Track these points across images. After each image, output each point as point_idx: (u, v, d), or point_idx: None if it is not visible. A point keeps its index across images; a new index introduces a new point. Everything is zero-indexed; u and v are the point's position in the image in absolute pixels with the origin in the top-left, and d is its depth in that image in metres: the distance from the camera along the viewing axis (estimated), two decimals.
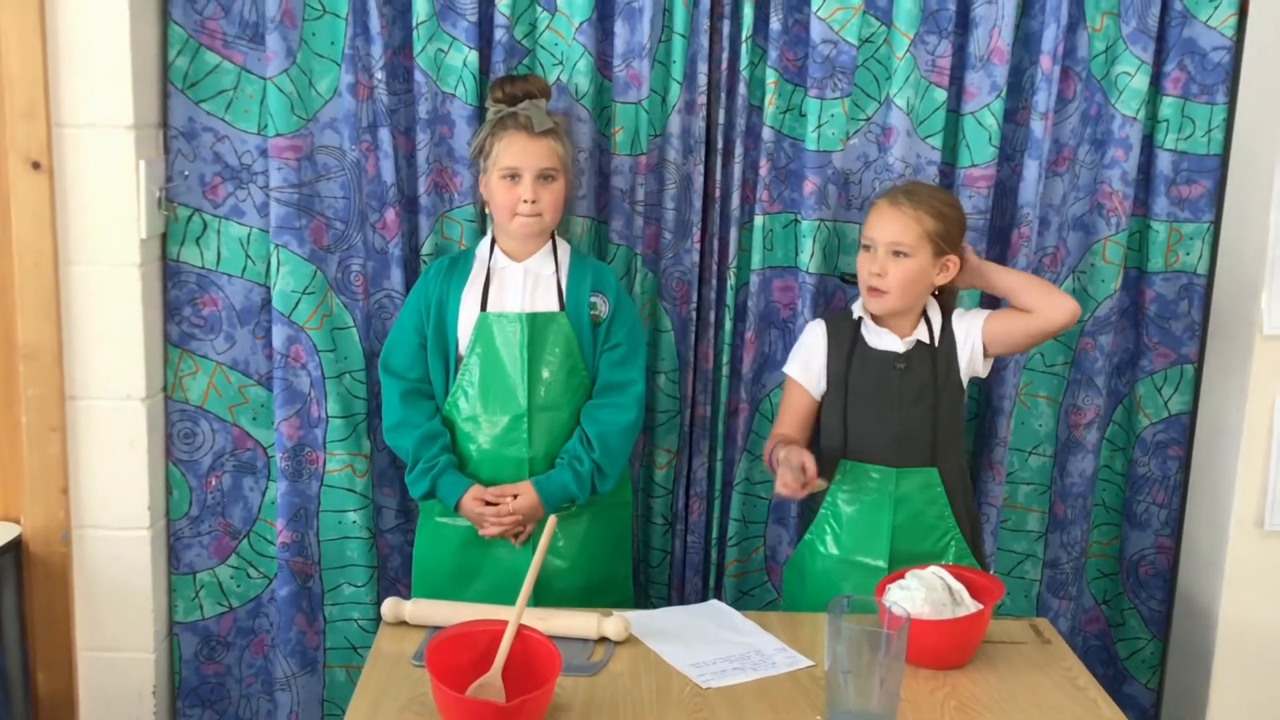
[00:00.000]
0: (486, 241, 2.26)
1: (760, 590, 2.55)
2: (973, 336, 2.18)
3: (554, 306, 2.21)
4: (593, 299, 2.23)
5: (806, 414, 2.25)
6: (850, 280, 2.26)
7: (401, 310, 2.28)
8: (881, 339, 2.19)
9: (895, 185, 2.23)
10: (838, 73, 2.33)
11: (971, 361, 2.18)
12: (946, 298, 2.23)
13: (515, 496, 2.15)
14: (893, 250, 2.11)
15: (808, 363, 2.24)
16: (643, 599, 2.53)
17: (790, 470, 2.01)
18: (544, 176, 2.15)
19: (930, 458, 2.17)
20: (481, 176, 2.22)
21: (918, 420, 2.16)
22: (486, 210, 2.25)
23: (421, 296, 2.24)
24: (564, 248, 2.26)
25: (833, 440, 2.22)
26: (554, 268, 2.22)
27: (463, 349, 2.21)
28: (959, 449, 2.23)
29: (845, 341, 2.21)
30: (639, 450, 2.47)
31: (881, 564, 2.14)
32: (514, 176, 2.15)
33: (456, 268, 2.25)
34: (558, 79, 2.32)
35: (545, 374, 2.19)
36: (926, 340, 2.18)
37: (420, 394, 2.23)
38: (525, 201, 2.14)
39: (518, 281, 2.21)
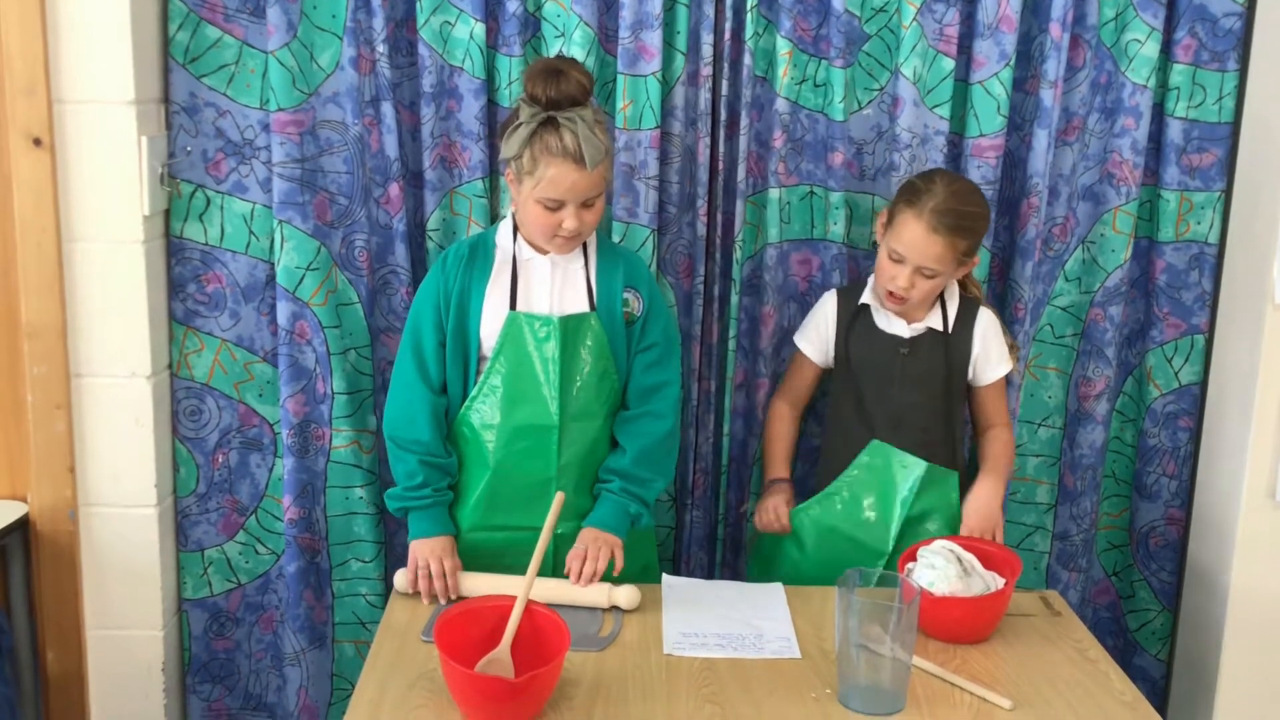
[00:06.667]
0: (508, 228, 2.11)
1: None
2: (980, 363, 2.21)
3: (584, 305, 2.06)
4: (625, 295, 2.08)
5: (811, 385, 2.33)
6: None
7: (415, 302, 2.12)
8: (890, 322, 2.19)
9: (921, 186, 2.10)
10: (848, 43, 2.30)
11: (975, 376, 2.23)
12: (969, 283, 2.26)
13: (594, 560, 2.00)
14: (924, 272, 2.10)
15: (817, 334, 2.28)
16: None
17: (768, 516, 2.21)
18: (587, 204, 1.99)
19: (924, 442, 2.16)
20: (509, 173, 2.02)
21: (915, 406, 2.17)
22: (515, 209, 2.08)
23: (439, 289, 2.07)
24: (591, 237, 2.11)
25: (840, 411, 2.24)
26: (583, 260, 2.08)
27: (486, 349, 2.05)
28: (956, 441, 2.23)
29: (852, 318, 2.22)
30: None
31: (887, 549, 2.14)
32: (557, 206, 1.98)
33: (477, 258, 2.08)
34: (559, 52, 2.28)
35: (577, 381, 2.04)
36: (939, 327, 2.18)
37: (445, 410, 2.08)
38: (567, 226, 1.98)
39: (545, 276, 2.06)
